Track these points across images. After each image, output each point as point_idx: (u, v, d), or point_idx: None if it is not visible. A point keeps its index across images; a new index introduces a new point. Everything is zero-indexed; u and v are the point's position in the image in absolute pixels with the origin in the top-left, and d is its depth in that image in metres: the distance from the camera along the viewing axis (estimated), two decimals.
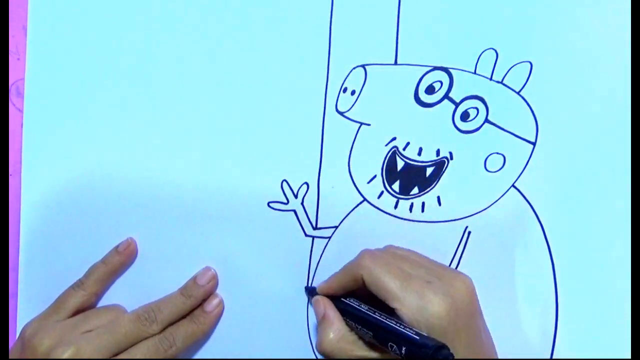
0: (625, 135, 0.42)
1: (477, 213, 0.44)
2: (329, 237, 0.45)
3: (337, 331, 0.39)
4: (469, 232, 0.44)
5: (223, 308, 0.45)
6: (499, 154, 0.43)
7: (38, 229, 0.46)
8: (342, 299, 0.41)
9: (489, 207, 0.44)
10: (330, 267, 0.45)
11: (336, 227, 0.45)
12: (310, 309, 0.45)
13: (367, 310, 0.39)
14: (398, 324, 0.37)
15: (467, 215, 0.44)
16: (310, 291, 0.44)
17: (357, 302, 0.41)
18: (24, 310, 0.46)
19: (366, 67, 0.43)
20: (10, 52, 0.45)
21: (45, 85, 0.45)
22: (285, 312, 0.45)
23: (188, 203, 0.45)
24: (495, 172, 0.43)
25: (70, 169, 0.45)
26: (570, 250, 0.43)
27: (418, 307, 0.37)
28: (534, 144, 0.43)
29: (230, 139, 0.44)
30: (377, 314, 0.38)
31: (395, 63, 0.43)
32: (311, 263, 0.45)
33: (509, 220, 0.43)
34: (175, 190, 0.45)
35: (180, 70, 0.44)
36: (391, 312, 0.38)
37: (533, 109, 0.43)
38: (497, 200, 0.44)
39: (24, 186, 0.45)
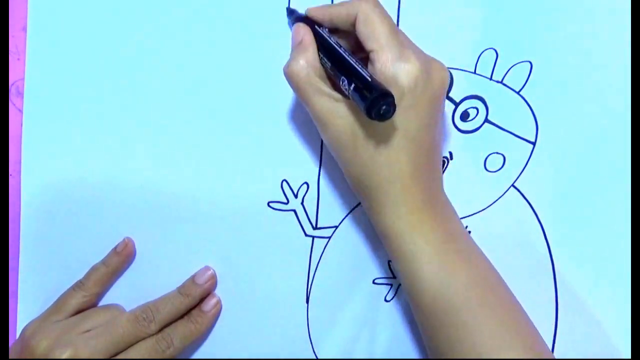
0: (625, 135, 0.42)
1: (477, 213, 0.44)
2: (329, 237, 0.45)
3: (308, 59, 0.37)
4: (469, 232, 0.44)
5: (221, 308, 0.45)
6: (499, 153, 0.43)
7: (38, 229, 0.46)
8: (316, 26, 0.40)
9: (489, 207, 0.44)
10: (330, 267, 0.45)
11: (336, 227, 0.45)
12: (311, 310, 0.45)
13: (334, 42, 0.38)
14: (358, 63, 0.35)
15: (467, 215, 0.44)
16: (290, 12, 0.42)
17: (328, 33, 0.39)
18: (24, 310, 0.46)
19: None
20: (10, 52, 0.45)
21: (45, 85, 0.45)
22: (284, 312, 0.45)
23: (188, 203, 0.45)
24: (495, 172, 0.43)
25: (70, 169, 0.45)
26: (570, 250, 0.43)
27: (393, 57, 0.35)
28: (533, 143, 0.43)
29: (230, 139, 0.44)
30: (342, 48, 0.37)
31: None
32: (311, 263, 0.45)
33: (509, 220, 0.43)
34: (175, 190, 0.45)
35: (180, 70, 0.44)
36: (365, 64, 0.37)
37: (533, 108, 0.43)
38: (497, 200, 0.44)
39: (24, 186, 0.45)
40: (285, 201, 0.45)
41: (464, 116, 0.43)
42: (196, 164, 0.45)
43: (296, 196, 0.45)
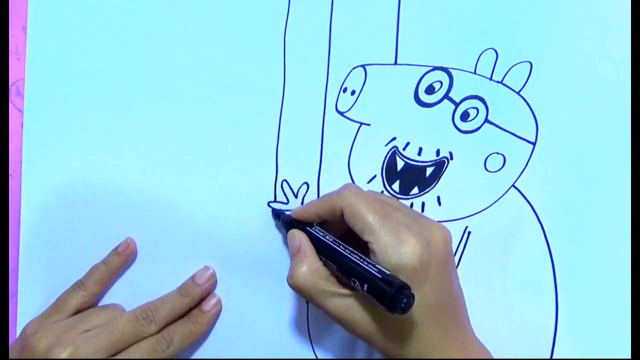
0: (625, 135, 0.42)
1: (477, 213, 0.44)
2: None
3: (311, 265, 0.38)
4: (469, 232, 0.44)
5: (221, 308, 0.45)
6: (499, 154, 0.43)
7: (38, 229, 0.46)
8: (308, 227, 0.40)
9: (489, 207, 0.44)
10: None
11: None
12: (311, 310, 0.45)
13: (332, 241, 0.38)
14: (362, 260, 0.36)
15: (467, 215, 0.44)
16: (277, 214, 0.43)
17: (322, 231, 0.40)
18: (24, 310, 0.46)
19: (366, 67, 0.43)
20: (10, 52, 0.45)
21: (45, 85, 0.45)
22: (284, 312, 0.45)
23: (188, 203, 0.45)
24: (495, 172, 0.43)
25: (70, 169, 0.45)
26: (570, 250, 0.43)
27: (392, 243, 0.36)
28: (534, 144, 0.43)
29: (230, 139, 0.44)
30: (342, 246, 0.38)
31: (395, 63, 0.43)
32: None
33: (509, 220, 0.43)
34: (175, 190, 0.45)
35: (180, 70, 0.44)
36: (364, 248, 0.37)
37: (533, 109, 0.43)
38: (497, 200, 0.44)
39: (24, 186, 0.45)
40: (285, 201, 0.45)
41: (464, 116, 0.43)
42: (196, 164, 0.45)
43: (296, 196, 0.45)
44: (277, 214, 0.44)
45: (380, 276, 0.34)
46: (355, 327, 0.37)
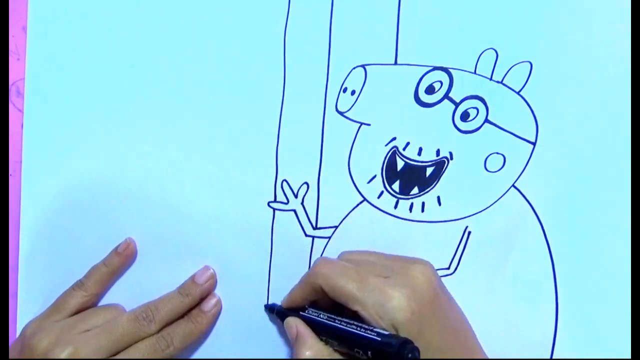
0: (625, 135, 0.42)
1: (477, 213, 0.44)
2: (329, 237, 0.45)
3: (312, 348, 0.39)
4: (469, 232, 0.44)
5: (221, 308, 0.45)
6: (499, 154, 0.43)
7: (38, 229, 0.46)
8: (301, 312, 0.41)
9: (489, 207, 0.44)
10: None
11: (336, 227, 0.45)
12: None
13: (326, 319, 0.39)
14: (360, 328, 0.37)
15: (467, 215, 0.44)
16: (270, 309, 0.44)
17: (315, 312, 0.41)
18: (24, 310, 0.46)
19: (366, 67, 0.43)
20: (10, 52, 0.45)
21: (45, 85, 0.45)
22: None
23: (188, 203, 0.45)
24: (495, 172, 0.43)
25: (70, 169, 0.45)
26: (570, 250, 0.43)
27: (379, 304, 0.37)
28: (534, 144, 0.43)
29: (230, 139, 0.44)
30: (337, 321, 0.39)
31: (395, 63, 0.43)
32: (311, 263, 0.45)
33: (509, 220, 0.43)
34: (175, 190, 0.45)
35: (180, 70, 0.44)
36: (356, 315, 0.38)
37: (533, 109, 0.43)
38: (497, 200, 0.44)
39: (24, 186, 0.45)
40: (285, 201, 0.45)
41: (464, 116, 0.43)
42: (196, 163, 0.45)
43: (296, 196, 0.45)
44: (270, 308, 0.44)
45: (380, 339, 0.35)
46: None
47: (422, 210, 0.44)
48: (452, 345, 0.38)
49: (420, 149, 0.43)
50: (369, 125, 0.44)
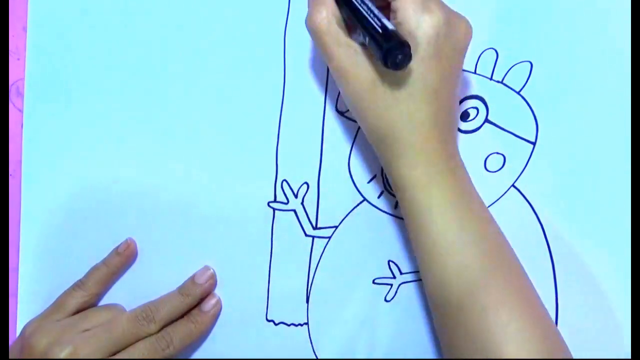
0: (625, 135, 0.42)
1: None
2: (329, 237, 0.45)
3: (329, 10, 0.37)
4: None
5: (220, 308, 0.45)
6: (499, 153, 0.43)
7: (38, 229, 0.46)
8: None
9: (489, 207, 0.44)
10: (330, 267, 0.45)
11: (336, 227, 0.45)
12: (311, 310, 0.45)
13: None
14: (376, 13, 0.35)
15: None
16: None
17: None
18: (24, 310, 0.46)
19: None
20: (10, 52, 0.45)
21: (45, 85, 0.45)
22: (284, 312, 0.45)
23: (188, 203, 0.45)
24: (495, 172, 0.43)
25: (70, 169, 0.45)
26: (570, 250, 0.43)
27: (415, 8, 0.35)
28: (534, 144, 0.43)
29: (230, 139, 0.44)
30: None
31: None
32: (311, 263, 0.45)
33: (509, 220, 0.43)
34: (175, 190, 0.45)
35: (180, 70, 0.44)
36: (388, 11, 0.36)
37: (533, 109, 0.43)
38: (497, 200, 0.44)
39: (24, 186, 0.45)
40: (285, 201, 0.45)
41: (464, 116, 0.43)
42: (196, 164, 0.45)
43: (296, 196, 0.45)
44: None
45: (384, 30, 0.33)
46: (352, 82, 0.36)
47: None
48: (438, 97, 0.36)
49: None
50: None
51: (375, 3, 0.36)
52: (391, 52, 0.32)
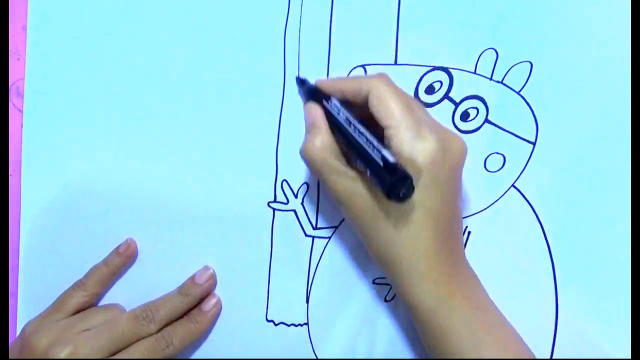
0: (625, 135, 0.42)
1: (477, 213, 0.44)
2: (329, 237, 0.45)
3: (323, 140, 0.37)
4: (469, 232, 0.44)
5: (220, 308, 0.45)
6: (499, 154, 0.43)
7: (38, 229, 0.46)
8: (324, 100, 0.39)
9: (489, 207, 0.44)
10: (330, 267, 0.45)
11: (336, 227, 0.45)
12: (311, 310, 0.45)
13: (344, 120, 0.37)
14: (370, 143, 0.35)
15: (467, 215, 0.44)
16: (301, 82, 0.42)
17: (338, 107, 0.38)
18: (24, 310, 0.46)
19: (366, 67, 0.43)
20: (10, 52, 0.45)
21: (45, 85, 0.45)
22: (284, 312, 0.45)
23: (188, 203, 0.45)
24: (495, 172, 0.43)
25: (70, 169, 0.45)
26: (570, 250, 0.43)
27: (410, 136, 0.35)
28: (534, 144, 0.43)
29: (230, 139, 0.44)
30: (352, 126, 0.36)
31: (395, 63, 0.43)
32: (311, 263, 0.45)
33: (509, 220, 0.43)
34: (175, 190, 0.45)
35: (180, 70, 0.44)
36: (379, 137, 0.36)
37: (533, 109, 0.43)
38: (497, 200, 0.44)
39: (24, 186, 0.45)
40: (285, 201, 0.45)
41: (464, 116, 0.43)
42: (196, 164, 0.45)
43: (296, 196, 0.45)
44: (301, 81, 0.42)
45: (383, 162, 0.33)
46: (352, 210, 0.37)
47: None
48: (443, 220, 0.37)
49: None
50: None
51: (368, 129, 0.36)
52: (395, 186, 0.32)
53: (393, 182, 0.32)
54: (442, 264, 0.37)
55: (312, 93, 0.40)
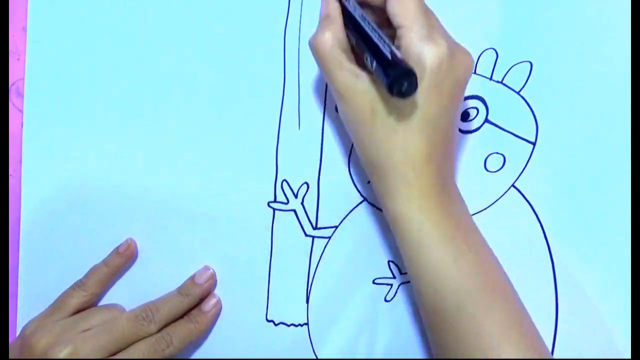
0: (625, 135, 0.42)
1: (477, 213, 0.44)
2: (329, 237, 0.45)
3: (334, 32, 0.37)
4: None
5: (221, 308, 0.45)
6: (499, 154, 0.43)
7: (38, 229, 0.46)
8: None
9: (489, 207, 0.44)
10: (331, 267, 0.45)
11: (336, 227, 0.45)
12: (311, 310, 0.45)
13: (361, 16, 0.37)
14: (383, 39, 0.34)
15: None
16: None
17: (354, 4, 0.38)
18: (24, 310, 0.46)
19: None
20: (10, 52, 0.45)
21: (45, 85, 0.45)
22: (284, 312, 0.45)
23: (188, 203, 0.45)
24: (495, 172, 0.43)
25: (70, 169, 0.45)
26: (570, 250, 0.43)
27: (421, 37, 0.35)
28: (534, 144, 0.43)
29: (230, 139, 0.44)
30: (369, 23, 0.36)
31: None
32: (311, 263, 0.45)
33: (509, 220, 0.43)
34: (175, 190, 0.45)
35: (180, 69, 0.44)
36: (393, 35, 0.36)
37: (533, 109, 0.43)
38: (497, 200, 0.44)
39: (24, 186, 0.45)
40: (285, 201, 0.45)
41: (464, 116, 0.43)
42: (196, 164, 0.45)
43: (296, 196, 0.45)
44: None
45: (392, 56, 0.33)
46: (351, 107, 0.36)
47: None
48: (439, 128, 0.36)
49: None
50: None
51: (380, 28, 0.36)
52: (397, 80, 0.32)
53: (397, 76, 0.32)
54: (430, 174, 0.36)
55: None
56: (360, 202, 0.44)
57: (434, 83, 0.35)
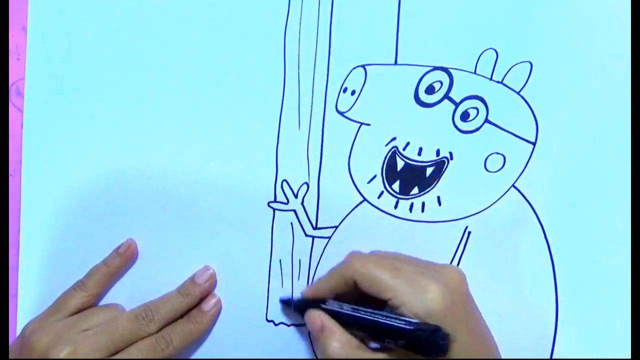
0: (625, 135, 0.42)
1: (477, 213, 0.44)
2: (329, 237, 0.45)
3: (340, 339, 0.38)
4: (469, 232, 0.44)
5: (220, 308, 0.45)
6: (499, 154, 0.43)
7: (38, 229, 0.46)
8: (321, 304, 0.41)
9: (489, 207, 0.44)
10: (330, 267, 0.45)
11: (336, 227, 0.45)
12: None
13: (350, 311, 0.39)
14: (386, 317, 0.36)
15: (467, 215, 0.44)
16: (286, 302, 0.44)
17: (337, 303, 0.40)
18: (24, 310, 0.46)
19: (366, 67, 0.43)
20: (10, 52, 0.45)
21: (45, 85, 0.45)
22: (284, 312, 0.45)
23: (188, 203, 0.45)
24: (495, 172, 0.43)
25: (70, 169, 0.45)
26: (570, 250, 0.43)
27: (413, 294, 0.36)
28: (534, 144, 0.43)
29: (230, 139, 0.44)
30: (361, 312, 0.38)
31: (395, 63, 0.43)
32: (311, 263, 0.45)
33: (509, 220, 0.43)
34: (175, 190, 0.45)
35: (179, 70, 0.44)
36: (381, 306, 0.38)
37: (533, 109, 0.43)
38: (497, 200, 0.44)
39: (24, 186, 0.45)
40: (285, 201, 0.45)
41: (464, 116, 0.43)
42: (196, 163, 0.45)
43: (296, 196, 0.45)
44: (285, 302, 0.44)
45: (411, 327, 0.35)
46: None
47: (422, 211, 0.44)
48: (480, 347, 0.38)
49: (420, 149, 0.43)
50: (369, 125, 0.44)
51: (372, 306, 0.38)
52: (431, 342, 0.33)
53: (428, 338, 0.33)
54: None
55: (303, 305, 0.42)
56: (360, 202, 0.44)
57: (452, 322, 0.36)
